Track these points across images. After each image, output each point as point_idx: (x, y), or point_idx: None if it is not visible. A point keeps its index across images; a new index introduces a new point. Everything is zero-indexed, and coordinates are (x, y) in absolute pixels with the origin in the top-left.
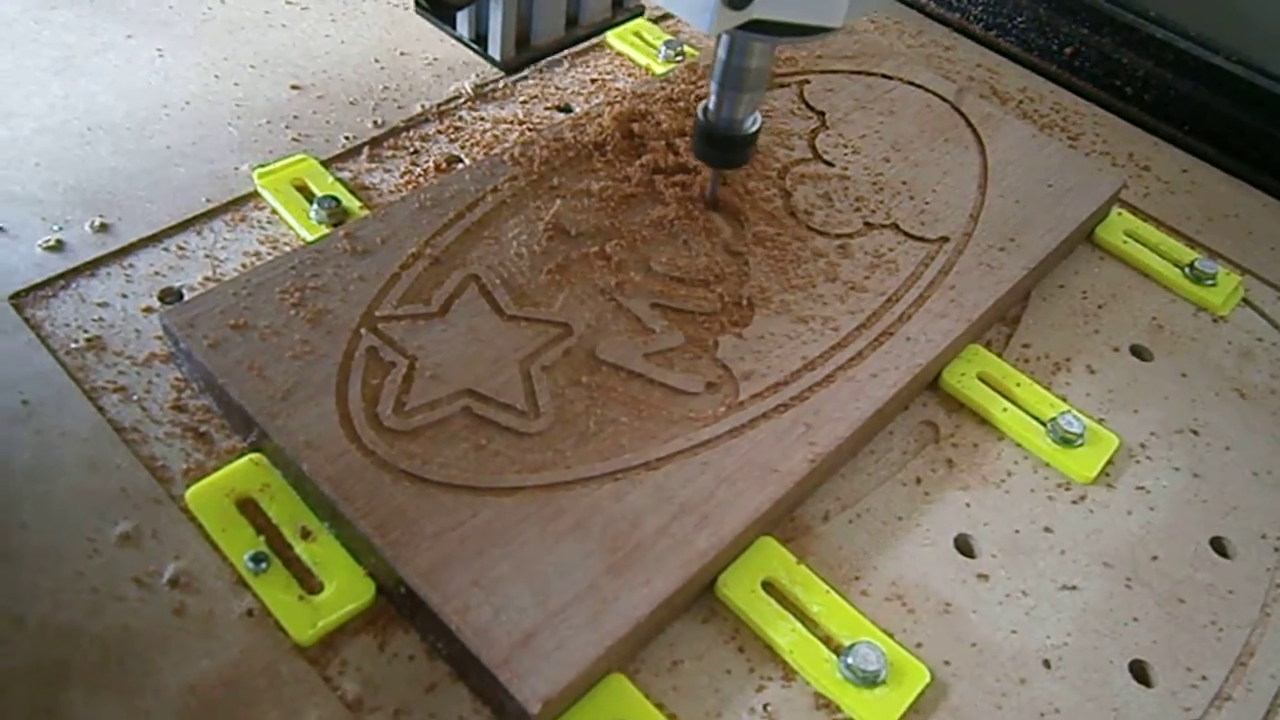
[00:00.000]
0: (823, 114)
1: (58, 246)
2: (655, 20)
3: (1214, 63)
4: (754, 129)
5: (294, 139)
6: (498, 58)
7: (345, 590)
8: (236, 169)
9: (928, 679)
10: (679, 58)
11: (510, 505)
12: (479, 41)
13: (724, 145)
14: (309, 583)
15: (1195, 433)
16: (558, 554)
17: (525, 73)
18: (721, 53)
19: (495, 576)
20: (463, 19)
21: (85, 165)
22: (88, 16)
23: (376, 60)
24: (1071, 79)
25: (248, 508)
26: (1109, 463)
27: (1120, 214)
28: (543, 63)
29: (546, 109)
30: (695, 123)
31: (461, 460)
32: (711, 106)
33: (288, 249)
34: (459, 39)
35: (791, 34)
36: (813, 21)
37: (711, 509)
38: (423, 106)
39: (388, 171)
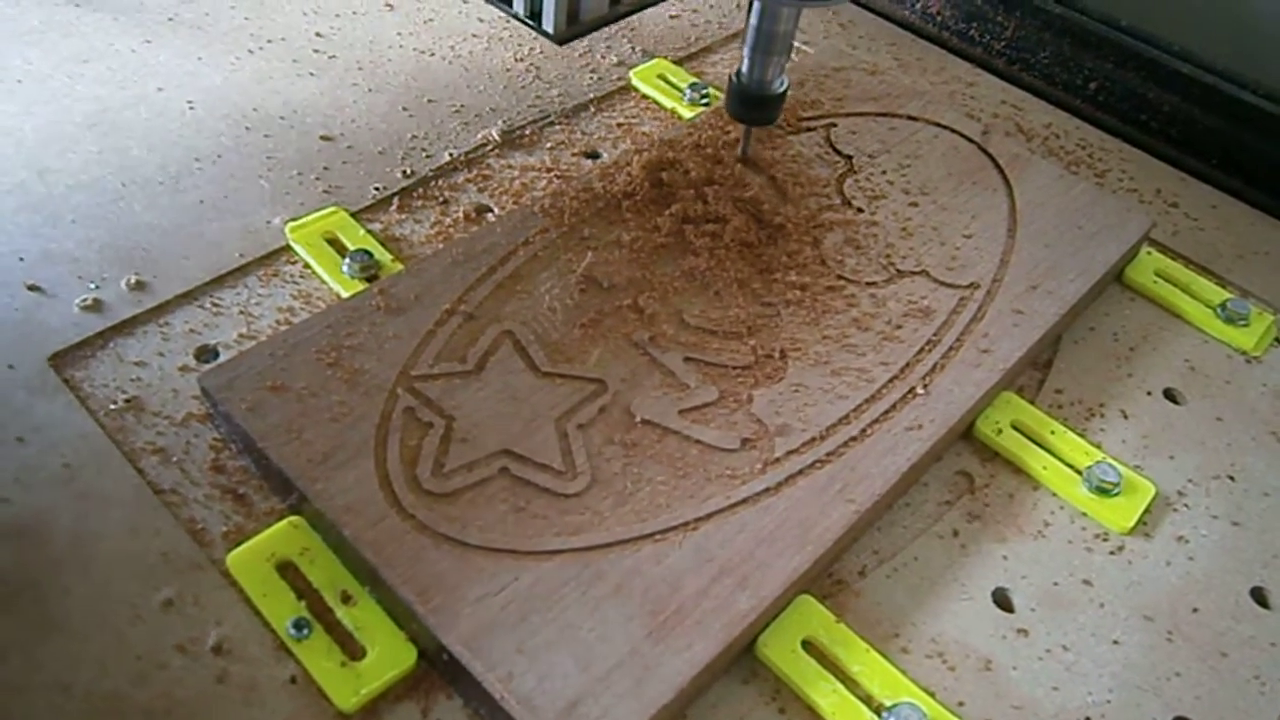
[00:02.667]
0: (850, 158)
1: (95, 306)
2: (678, 62)
3: (1241, 97)
4: (782, 89)
5: (324, 191)
6: (550, 31)
7: (387, 656)
8: (269, 223)
9: None
10: (704, 100)
11: (550, 569)
12: (533, 17)
13: (755, 104)
14: (351, 648)
15: (1232, 479)
16: (599, 619)
17: (551, 118)
18: (753, 19)
19: (538, 643)
20: None
21: (120, 221)
22: (119, 70)
23: (404, 108)
24: (1097, 114)
25: (288, 572)
26: (1146, 511)
27: (1150, 253)
28: (569, 108)
29: (574, 155)
30: (728, 85)
31: (501, 523)
32: (744, 70)
33: (321, 304)
34: (514, 15)
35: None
36: None
37: (751, 570)
38: (451, 155)
39: (418, 222)
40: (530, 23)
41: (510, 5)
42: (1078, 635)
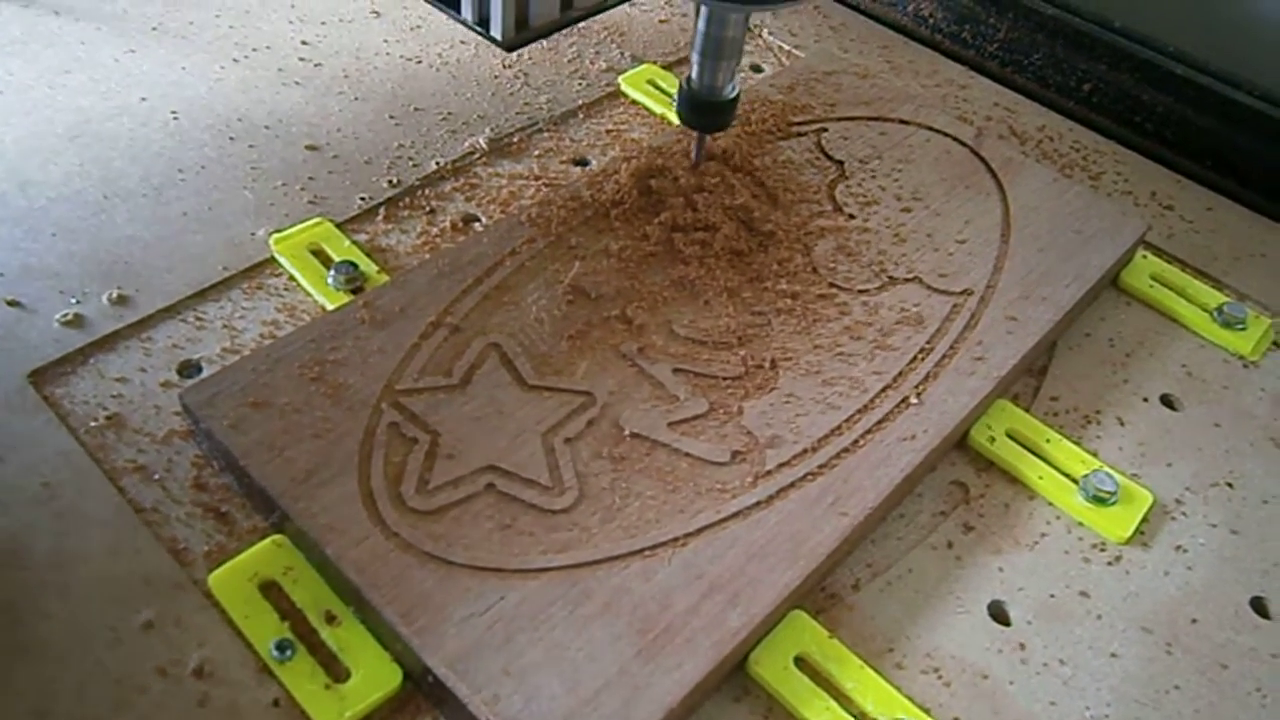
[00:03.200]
0: (841, 164)
1: (76, 321)
2: (668, 67)
3: (1235, 98)
4: (733, 95)
5: (310, 201)
6: (499, 38)
7: (372, 677)
8: (253, 234)
9: None
10: None
11: (537, 587)
12: (482, 24)
13: (706, 110)
14: (335, 670)
15: (1230, 485)
16: (587, 638)
17: (539, 125)
18: (701, 24)
19: (524, 664)
20: (466, 3)
21: (102, 234)
22: (102, 80)
23: (391, 117)
24: (1090, 116)
25: (271, 591)
26: (1144, 521)
27: (1145, 257)
28: (558, 114)
29: (562, 163)
30: (678, 91)
31: (486, 541)
32: (694, 76)
33: (306, 317)
34: (463, 22)
35: (761, 3)
36: None
37: (742, 586)
38: (438, 164)
39: (404, 233)
40: (478, 29)
41: (459, 12)
42: (1075, 648)
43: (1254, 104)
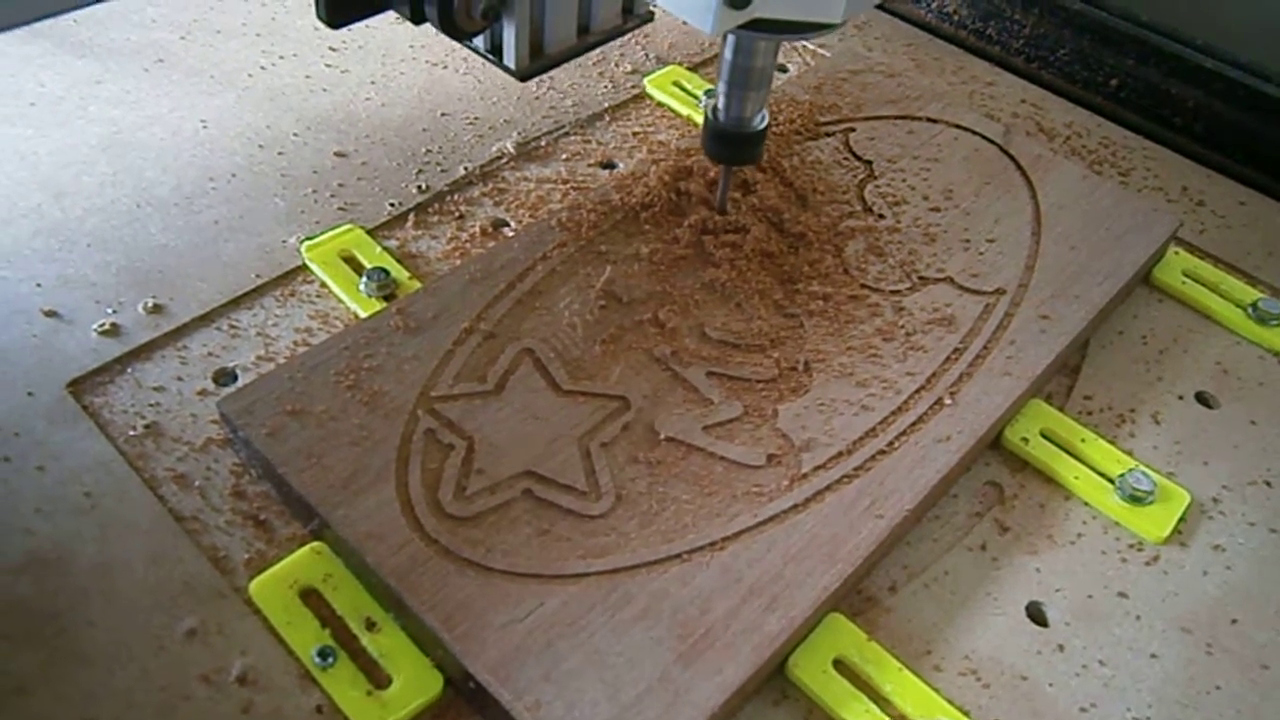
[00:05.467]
0: (870, 163)
1: (113, 330)
2: (693, 69)
3: (1266, 90)
4: (761, 126)
5: (340, 208)
6: (513, 67)
7: (413, 683)
8: (284, 242)
9: None
10: None
11: (576, 593)
12: (494, 52)
13: (734, 143)
14: (376, 676)
15: (1269, 484)
16: (627, 643)
17: (566, 129)
18: (727, 53)
19: (566, 670)
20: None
21: (136, 244)
22: (133, 90)
23: (418, 122)
24: (1118, 111)
25: (311, 599)
26: (1181, 520)
27: (1178, 253)
28: (584, 117)
29: (589, 166)
30: (704, 122)
31: (525, 547)
32: (720, 106)
33: (339, 324)
34: (474, 50)
35: (793, 31)
36: (812, 18)
37: (780, 590)
38: (466, 168)
39: (434, 238)
40: (491, 58)
41: (470, 40)
42: (1114, 649)
43: None
